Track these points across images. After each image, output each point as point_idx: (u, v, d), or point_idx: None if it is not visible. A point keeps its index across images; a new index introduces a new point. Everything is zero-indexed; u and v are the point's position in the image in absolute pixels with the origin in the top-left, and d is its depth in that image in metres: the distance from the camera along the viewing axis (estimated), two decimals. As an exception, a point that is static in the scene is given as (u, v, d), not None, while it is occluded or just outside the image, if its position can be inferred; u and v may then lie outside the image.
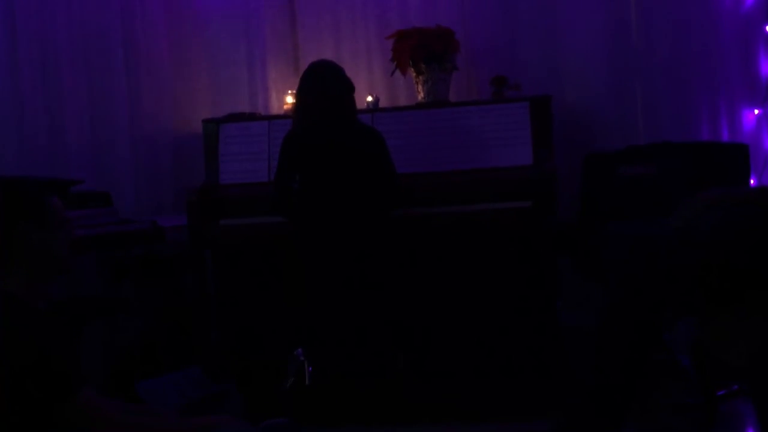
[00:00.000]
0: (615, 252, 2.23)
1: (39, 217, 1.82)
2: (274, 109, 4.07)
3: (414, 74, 3.79)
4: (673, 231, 1.83)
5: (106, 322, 3.49)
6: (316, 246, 3.15)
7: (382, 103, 3.87)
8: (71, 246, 1.88)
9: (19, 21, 3.77)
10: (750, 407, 2.62)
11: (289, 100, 3.90)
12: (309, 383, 3.09)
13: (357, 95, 3.28)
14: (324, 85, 3.14)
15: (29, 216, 1.81)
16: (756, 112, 3.83)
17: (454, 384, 3.23)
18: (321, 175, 3.14)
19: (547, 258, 3.32)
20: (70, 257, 1.87)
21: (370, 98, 3.81)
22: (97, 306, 3.33)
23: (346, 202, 3.12)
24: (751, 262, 1.48)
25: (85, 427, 1.73)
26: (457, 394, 3.16)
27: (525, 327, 3.32)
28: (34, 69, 3.81)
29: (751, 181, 3.66)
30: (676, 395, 2.91)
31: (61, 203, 1.88)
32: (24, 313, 1.75)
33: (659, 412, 2.85)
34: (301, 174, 3.16)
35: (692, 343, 2.24)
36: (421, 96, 3.80)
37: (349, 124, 3.18)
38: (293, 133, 3.22)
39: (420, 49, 3.72)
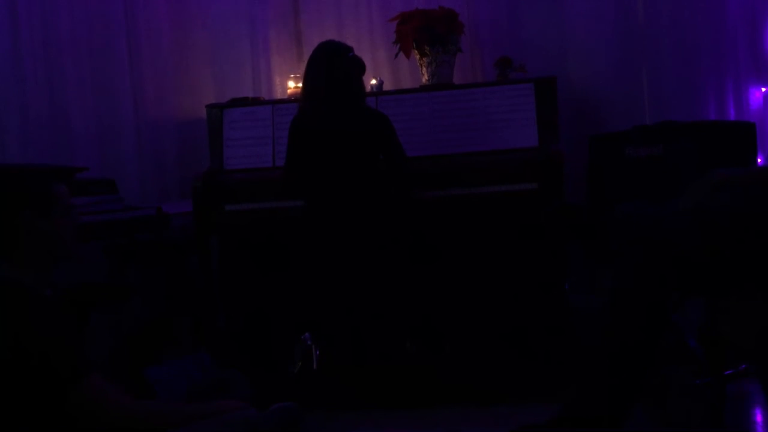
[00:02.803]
0: (624, 233, 2.22)
1: (44, 205, 1.82)
2: (278, 94, 4.06)
3: (418, 57, 3.77)
4: (682, 212, 1.81)
5: (112, 309, 3.50)
6: (326, 229, 3.14)
7: (386, 86, 3.85)
8: (76, 233, 1.88)
9: (21, 8, 3.76)
10: (757, 387, 2.62)
11: (292, 84, 3.89)
12: (316, 368, 3.10)
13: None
14: (331, 66, 3.11)
15: (34, 204, 1.81)
16: (762, 90, 3.80)
17: (463, 367, 3.23)
18: (329, 158, 3.13)
19: (555, 239, 3.31)
20: (75, 244, 1.88)
21: (374, 81, 3.79)
22: (102, 292, 3.33)
23: (356, 185, 3.10)
24: (760, 243, 1.46)
25: (93, 412, 1.73)
26: (466, 377, 3.16)
27: (533, 309, 3.32)
28: (37, 56, 3.80)
29: (758, 160, 3.64)
30: (684, 376, 2.91)
31: (67, 190, 1.88)
32: (30, 300, 1.76)
33: (667, 393, 2.85)
34: (310, 157, 3.15)
35: (700, 324, 2.23)
36: (425, 78, 3.77)
37: (357, 106, 3.16)
38: (301, 116, 3.20)
39: (423, 32, 3.69)
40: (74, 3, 3.86)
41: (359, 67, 3.16)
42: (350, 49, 3.18)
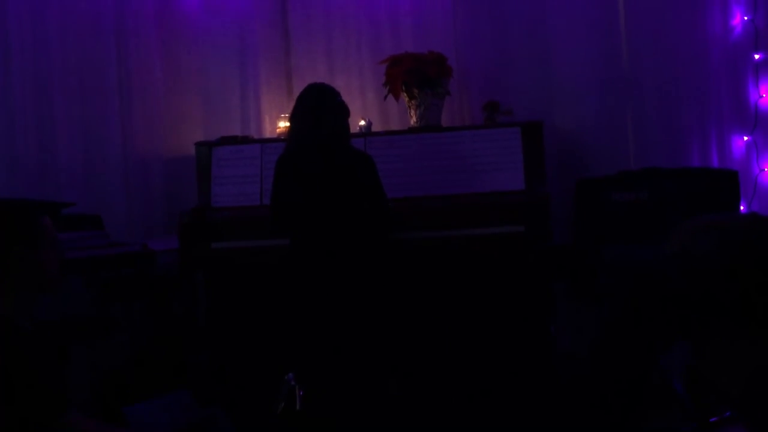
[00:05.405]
0: (611, 278, 2.23)
1: (31, 239, 1.81)
2: (267, 133, 4.07)
3: (407, 99, 3.81)
4: (668, 256, 1.83)
5: (94, 344, 3.45)
6: (310, 268, 3.13)
7: (375, 128, 3.88)
8: (61, 265, 1.87)
9: (14, 43, 3.78)
10: (743, 433, 2.61)
11: (282, 124, 3.90)
12: (300, 408, 3.05)
13: (350, 119, 3.27)
14: (318, 109, 3.14)
15: (22, 238, 1.80)
16: (745, 138, 3.86)
17: (446, 408, 3.20)
18: (313, 197, 3.13)
19: (541, 282, 3.32)
20: (60, 276, 1.86)
21: (362, 122, 3.82)
22: (85, 326, 3.29)
23: (338, 223, 3.11)
24: (746, 287, 1.47)
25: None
26: (450, 419, 3.13)
27: (519, 351, 3.30)
28: (27, 90, 3.80)
29: (741, 207, 3.68)
30: (670, 420, 2.90)
31: (51, 223, 1.87)
32: (11, 334, 1.73)
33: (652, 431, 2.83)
34: (294, 196, 3.15)
35: (686, 369, 2.23)
36: (413, 120, 3.81)
37: (341, 148, 3.17)
38: (287, 155, 3.22)
39: (413, 74, 3.74)
40: (66, 39, 3.88)
41: (344, 111, 3.19)
42: (337, 93, 3.22)
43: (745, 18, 3.82)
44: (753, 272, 1.29)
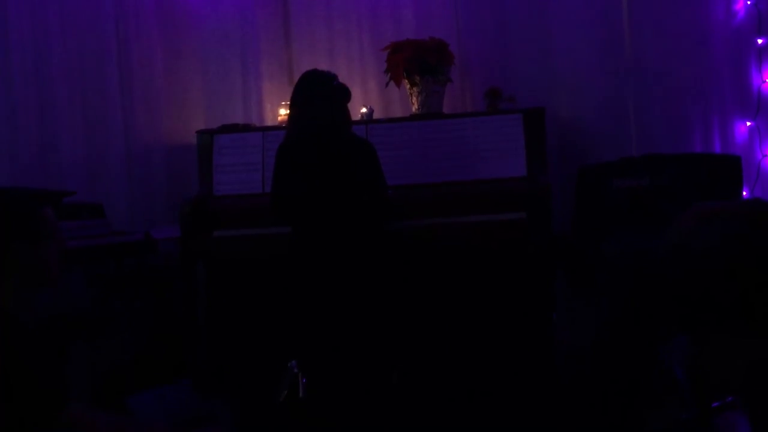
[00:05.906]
0: (610, 271, 2.22)
1: (31, 232, 1.80)
2: (269, 121, 4.06)
3: (408, 86, 3.80)
4: (668, 247, 1.82)
5: (95, 340, 3.45)
6: (311, 256, 3.13)
7: (377, 115, 3.87)
8: (62, 256, 1.87)
9: (12, 32, 3.77)
10: (744, 420, 2.61)
11: (283, 111, 3.89)
12: (303, 396, 3.07)
13: (351, 107, 3.26)
14: (313, 98, 3.12)
15: (21, 231, 1.79)
16: (748, 124, 3.84)
17: (447, 399, 3.21)
18: (314, 185, 3.13)
19: (542, 270, 3.31)
20: (61, 268, 1.86)
21: (364, 110, 3.81)
22: (86, 322, 3.30)
23: (339, 213, 3.11)
24: (747, 279, 1.47)
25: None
26: (451, 409, 3.14)
27: (520, 341, 3.30)
28: (28, 80, 3.80)
29: (744, 193, 3.67)
30: (671, 408, 2.90)
31: (53, 213, 1.87)
32: (12, 329, 1.74)
33: (654, 426, 2.84)
34: (295, 184, 3.15)
35: (687, 359, 2.23)
36: (415, 108, 3.79)
37: (341, 134, 3.16)
38: (287, 143, 3.21)
39: (414, 61, 3.72)
40: (66, 27, 3.87)
41: (344, 95, 3.17)
42: (334, 77, 3.20)
43: (748, 2, 3.80)
44: (753, 271, 1.28)
